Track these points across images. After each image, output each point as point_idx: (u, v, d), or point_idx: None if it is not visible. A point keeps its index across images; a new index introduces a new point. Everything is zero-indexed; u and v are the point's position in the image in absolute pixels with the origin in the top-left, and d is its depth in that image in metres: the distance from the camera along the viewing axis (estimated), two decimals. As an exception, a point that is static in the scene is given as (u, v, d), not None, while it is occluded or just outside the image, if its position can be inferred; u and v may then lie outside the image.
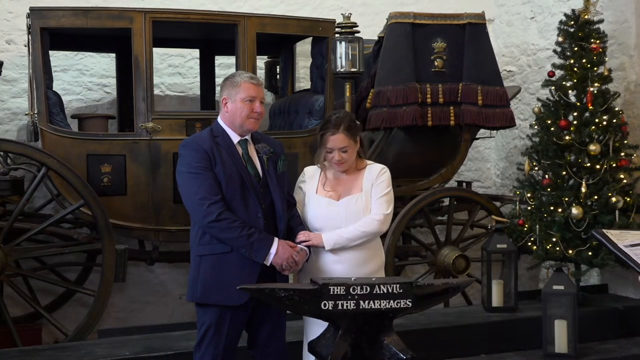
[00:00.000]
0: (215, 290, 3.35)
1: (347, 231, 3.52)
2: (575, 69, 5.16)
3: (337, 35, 5.25)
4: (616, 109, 5.19)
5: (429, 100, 5.39)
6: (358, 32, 5.26)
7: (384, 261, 3.81)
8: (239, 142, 3.48)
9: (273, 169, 3.52)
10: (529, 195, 5.28)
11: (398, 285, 3.22)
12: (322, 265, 3.57)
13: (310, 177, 3.70)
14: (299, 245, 3.48)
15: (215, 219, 3.27)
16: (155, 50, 5.16)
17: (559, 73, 5.28)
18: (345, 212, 3.56)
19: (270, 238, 3.37)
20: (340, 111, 3.98)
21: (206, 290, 3.37)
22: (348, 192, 3.60)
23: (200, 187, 3.31)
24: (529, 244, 5.17)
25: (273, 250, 3.34)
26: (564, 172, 5.10)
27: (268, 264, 3.36)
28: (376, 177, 3.60)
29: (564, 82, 5.18)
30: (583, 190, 4.99)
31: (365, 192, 3.57)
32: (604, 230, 2.90)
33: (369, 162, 3.72)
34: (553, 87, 5.27)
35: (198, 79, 6.33)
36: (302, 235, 3.53)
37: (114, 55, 6.04)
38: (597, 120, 5.04)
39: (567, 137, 5.08)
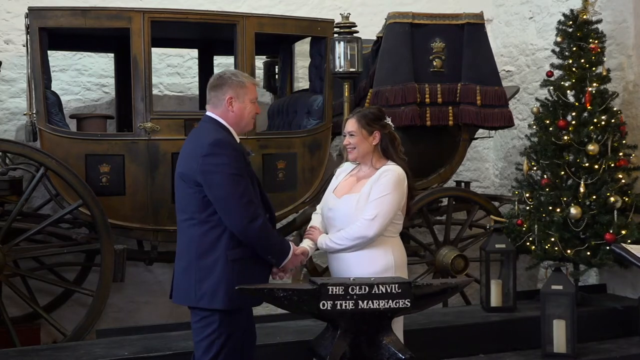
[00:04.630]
0: None
1: (336, 236, 3.48)
2: (574, 69, 5.16)
3: (335, 35, 5.26)
4: (614, 109, 5.18)
5: (427, 100, 5.39)
6: (357, 32, 5.27)
7: (396, 263, 3.54)
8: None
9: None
10: (527, 195, 5.28)
11: (397, 285, 3.22)
12: (331, 266, 3.61)
13: (340, 173, 3.73)
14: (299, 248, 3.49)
15: (262, 224, 3.21)
16: (153, 50, 5.17)
17: (557, 73, 5.28)
18: (340, 211, 3.52)
19: (288, 243, 3.40)
20: (372, 107, 3.98)
21: (242, 294, 3.21)
22: (351, 192, 3.55)
23: (246, 189, 3.21)
24: (528, 243, 5.17)
25: (290, 255, 3.35)
26: (563, 172, 5.10)
27: (279, 267, 3.37)
28: (377, 179, 3.47)
29: (562, 82, 5.18)
30: (581, 190, 4.99)
31: (363, 193, 3.47)
32: (623, 245, 3.02)
33: (389, 163, 3.55)
34: (552, 87, 5.27)
35: (197, 79, 6.33)
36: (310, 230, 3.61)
37: (112, 55, 6.03)
38: (595, 120, 5.04)
39: (565, 137, 5.09)
